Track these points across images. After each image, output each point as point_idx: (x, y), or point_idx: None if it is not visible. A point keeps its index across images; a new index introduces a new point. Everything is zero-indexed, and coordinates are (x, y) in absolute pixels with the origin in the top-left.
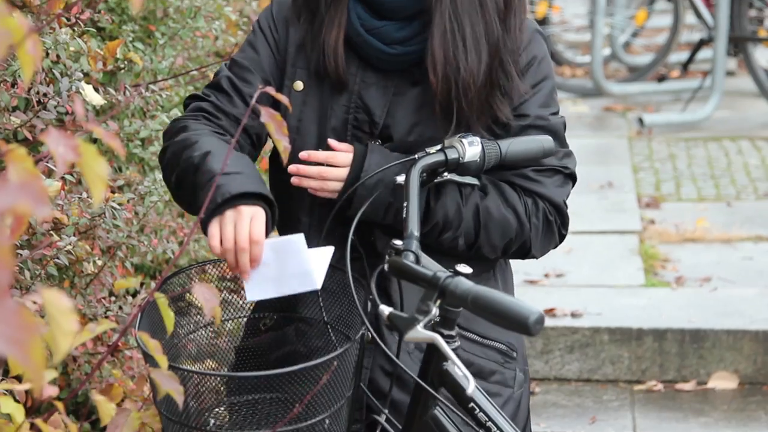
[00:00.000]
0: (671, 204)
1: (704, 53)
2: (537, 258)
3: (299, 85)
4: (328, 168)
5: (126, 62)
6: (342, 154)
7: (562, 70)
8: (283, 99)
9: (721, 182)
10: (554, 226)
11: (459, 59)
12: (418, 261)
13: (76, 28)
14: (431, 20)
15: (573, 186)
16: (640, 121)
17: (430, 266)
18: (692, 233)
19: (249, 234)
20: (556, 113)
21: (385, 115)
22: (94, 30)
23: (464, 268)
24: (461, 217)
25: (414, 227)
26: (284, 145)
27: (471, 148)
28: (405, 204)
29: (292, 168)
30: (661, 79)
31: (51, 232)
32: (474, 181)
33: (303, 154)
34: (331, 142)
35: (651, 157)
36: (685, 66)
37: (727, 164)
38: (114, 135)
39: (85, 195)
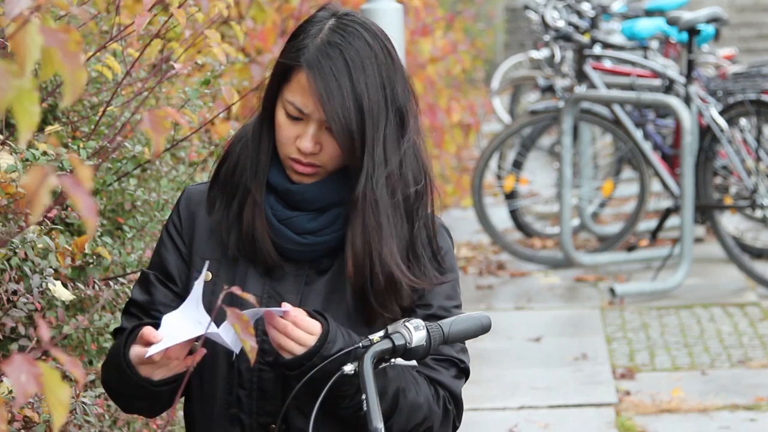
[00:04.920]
0: (646, 374)
1: (672, 221)
2: None
3: (208, 275)
4: (294, 328)
5: (95, 257)
6: (312, 321)
7: (532, 242)
8: (250, 297)
9: (694, 350)
10: (451, 415)
11: (376, 253)
12: None
13: (43, 226)
14: (349, 213)
15: (465, 381)
16: (612, 291)
17: None
18: (668, 404)
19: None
20: (458, 306)
21: (298, 304)
22: (62, 227)
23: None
24: (386, 399)
25: (378, 420)
26: (251, 345)
27: (417, 332)
28: (364, 396)
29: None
30: (631, 248)
31: (22, 431)
32: (413, 363)
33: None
34: (288, 307)
35: (624, 327)
36: (653, 234)
37: (700, 332)
38: (76, 361)
39: None
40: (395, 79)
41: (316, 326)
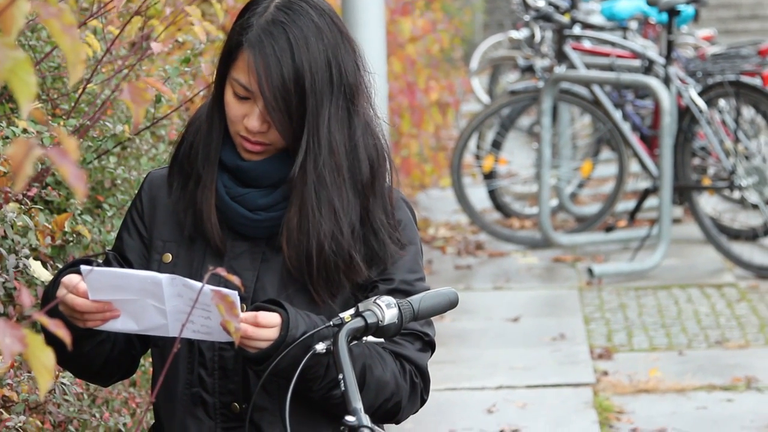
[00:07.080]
0: (624, 354)
1: (650, 202)
2: (399, 423)
3: (168, 257)
4: (255, 329)
5: (74, 235)
6: (270, 315)
7: (511, 222)
8: (235, 280)
9: (672, 331)
10: (418, 388)
11: (312, 231)
12: None
13: (23, 204)
14: (293, 190)
15: (431, 355)
16: (590, 271)
17: None
18: (645, 384)
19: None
20: (421, 279)
21: (255, 281)
22: (42, 206)
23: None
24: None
25: (356, 401)
26: (235, 326)
27: (389, 310)
28: (341, 377)
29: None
30: (609, 229)
31: (0, 410)
32: (381, 340)
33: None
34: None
35: (602, 308)
36: (632, 215)
37: (677, 313)
38: (60, 323)
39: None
40: (344, 56)
41: (275, 318)
